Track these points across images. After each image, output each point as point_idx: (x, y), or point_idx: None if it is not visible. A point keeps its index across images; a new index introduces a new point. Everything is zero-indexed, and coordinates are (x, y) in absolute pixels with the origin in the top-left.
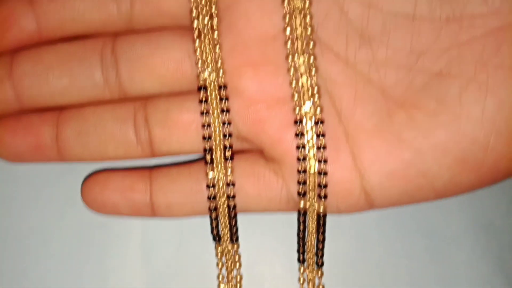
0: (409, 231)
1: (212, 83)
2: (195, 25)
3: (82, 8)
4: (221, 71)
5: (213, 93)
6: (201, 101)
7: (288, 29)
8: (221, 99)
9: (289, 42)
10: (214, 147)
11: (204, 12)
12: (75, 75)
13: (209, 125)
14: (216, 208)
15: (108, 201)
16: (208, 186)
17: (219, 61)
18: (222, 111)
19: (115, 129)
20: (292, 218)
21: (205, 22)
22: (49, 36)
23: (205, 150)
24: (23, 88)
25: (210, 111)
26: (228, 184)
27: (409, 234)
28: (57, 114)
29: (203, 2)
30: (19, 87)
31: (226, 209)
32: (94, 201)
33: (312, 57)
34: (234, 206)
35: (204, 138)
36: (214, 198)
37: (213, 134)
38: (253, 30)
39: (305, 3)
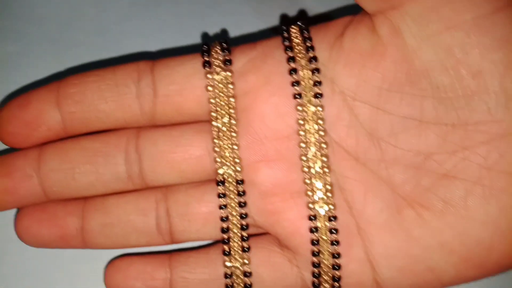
0: None
1: (230, 178)
2: (214, 124)
3: (106, 109)
4: (238, 167)
5: (231, 186)
6: (219, 196)
7: (301, 132)
8: (238, 193)
9: (303, 143)
10: (231, 237)
11: (223, 112)
12: (100, 171)
13: (227, 218)
14: None
15: None
16: (225, 276)
17: (236, 158)
18: (240, 204)
19: (138, 221)
20: None
21: (224, 121)
22: (74, 133)
23: (223, 241)
24: (50, 184)
25: (228, 205)
26: (245, 274)
27: None
28: (82, 206)
29: (222, 104)
30: (46, 183)
31: None
32: None
33: (324, 158)
34: None
35: (222, 230)
36: (232, 287)
37: (230, 225)
38: (268, 130)
39: (317, 108)
